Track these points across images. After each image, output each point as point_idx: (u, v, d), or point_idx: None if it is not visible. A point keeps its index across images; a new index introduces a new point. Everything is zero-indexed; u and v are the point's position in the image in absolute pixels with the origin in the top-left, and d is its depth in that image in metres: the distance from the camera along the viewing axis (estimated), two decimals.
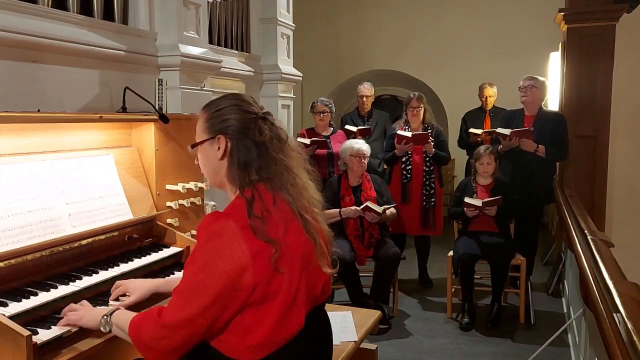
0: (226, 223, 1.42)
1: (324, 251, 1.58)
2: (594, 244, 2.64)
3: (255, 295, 1.40)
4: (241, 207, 1.45)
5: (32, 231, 1.99)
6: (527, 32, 7.30)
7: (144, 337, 1.45)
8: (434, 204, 4.70)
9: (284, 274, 1.42)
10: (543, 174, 4.37)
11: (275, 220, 1.45)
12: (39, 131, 2.20)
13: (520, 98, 4.40)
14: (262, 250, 1.40)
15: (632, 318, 1.63)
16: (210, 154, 1.56)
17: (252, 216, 1.43)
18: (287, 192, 1.51)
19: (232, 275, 1.38)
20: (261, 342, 1.42)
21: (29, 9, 2.47)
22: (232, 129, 1.53)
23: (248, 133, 1.52)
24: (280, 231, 1.45)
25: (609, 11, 4.43)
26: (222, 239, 1.41)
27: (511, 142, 4.23)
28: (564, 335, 3.70)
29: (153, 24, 3.30)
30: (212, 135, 1.55)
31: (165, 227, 2.57)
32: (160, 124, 2.64)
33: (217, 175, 1.59)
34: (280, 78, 4.86)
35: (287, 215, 1.50)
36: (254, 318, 1.42)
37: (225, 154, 1.54)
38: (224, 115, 1.55)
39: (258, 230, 1.41)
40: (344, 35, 8.33)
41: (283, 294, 1.43)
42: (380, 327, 3.80)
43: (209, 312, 1.39)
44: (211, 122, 1.56)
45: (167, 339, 1.42)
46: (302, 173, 1.59)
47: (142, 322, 1.48)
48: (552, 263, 5.26)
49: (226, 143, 1.53)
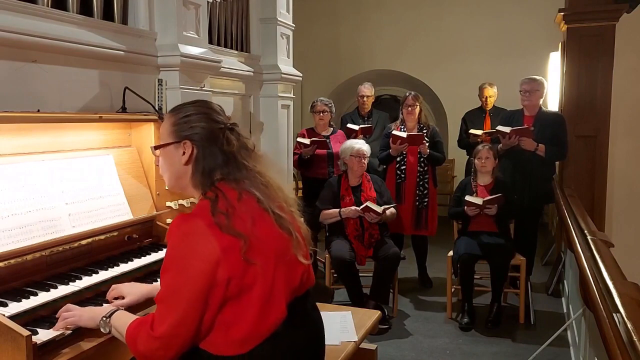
0: (194, 222, 1.45)
1: (300, 243, 1.60)
2: (594, 244, 2.64)
3: (231, 289, 1.42)
4: (205, 207, 1.48)
5: (32, 231, 1.99)
6: (527, 32, 7.30)
7: (140, 348, 1.47)
8: (427, 204, 4.70)
9: (256, 265, 1.45)
10: (543, 174, 4.37)
11: (240, 215, 1.48)
12: (39, 131, 2.20)
13: (522, 101, 4.41)
14: (231, 245, 1.43)
15: (632, 318, 1.64)
16: (175, 158, 1.58)
17: (217, 212, 1.45)
18: (259, 190, 1.54)
19: (207, 272, 1.41)
20: (245, 335, 1.44)
21: (28, 9, 2.47)
22: (200, 136, 1.55)
23: (216, 142, 1.55)
24: (248, 224, 1.47)
25: (609, 11, 4.43)
26: (192, 238, 1.43)
27: (511, 140, 4.23)
28: (563, 335, 3.70)
29: (153, 24, 3.30)
30: (177, 140, 1.57)
31: (165, 227, 2.57)
32: (160, 124, 2.63)
33: (179, 179, 1.61)
34: (280, 78, 4.85)
35: (255, 210, 1.52)
36: (235, 312, 1.44)
37: (190, 160, 1.56)
38: (192, 122, 1.57)
39: (223, 225, 1.43)
40: (344, 35, 8.33)
41: (259, 286, 1.45)
42: (380, 327, 3.80)
43: (193, 312, 1.41)
44: (178, 127, 1.58)
45: (162, 349, 1.44)
46: (274, 175, 1.61)
47: (137, 332, 1.49)
48: (552, 263, 5.26)
49: (192, 149, 1.55)
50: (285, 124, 4.89)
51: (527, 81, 4.39)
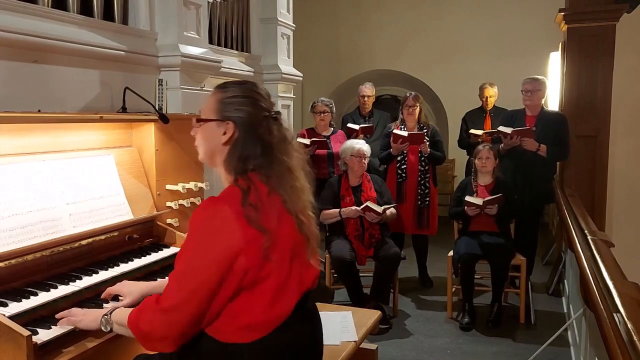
0: (222, 208, 1.45)
1: (314, 249, 1.64)
2: (594, 244, 2.64)
3: (246, 279, 1.43)
4: (236, 195, 1.48)
5: (33, 231, 1.99)
6: (527, 32, 7.30)
7: (142, 325, 1.47)
8: (428, 203, 4.71)
9: (273, 262, 1.46)
10: (543, 174, 4.37)
11: (268, 211, 1.48)
12: (40, 131, 2.20)
13: (524, 101, 4.40)
14: (255, 237, 1.44)
15: (632, 318, 1.64)
16: (214, 136, 1.57)
17: (247, 204, 1.45)
18: (286, 192, 1.54)
19: (226, 259, 1.42)
20: (253, 324, 1.46)
21: (29, 9, 2.47)
22: (243, 120, 1.54)
23: (258, 130, 1.54)
24: (273, 221, 1.48)
25: (609, 11, 4.43)
26: (218, 223, 1.44)
27: (512, 140, 4.23)
28: (564, 335, 3.70)
29: (153, 24, 3.30)
30: (221, 118, 1.56)
31: (165, 227, 2.57)
32: (160, 124, 2.64)
33: (213, 155, 1.60)
34: (280, 78, 4.86)
35: (281, 210, 1.53)
36: (245, 302, 1.46)
37: (229, 142, 1.55)
38: (238, 104, 1.56)
39: (252, 219, 1.44)
40: (344, 35, 8.33)
41: (273, 279, 1.47)
42: (381, 327, 3.79)
43: (203, 294, 1.42)
44: (224, 106, 1.56)
45: (165, 324, 1.44)
46: (301, 175, 1.61)
47: (140, 311, 1.50)
48: (552, 263, 5.26)
49: (234, 131, 1.54)
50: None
51: (529, 81, 4.39)
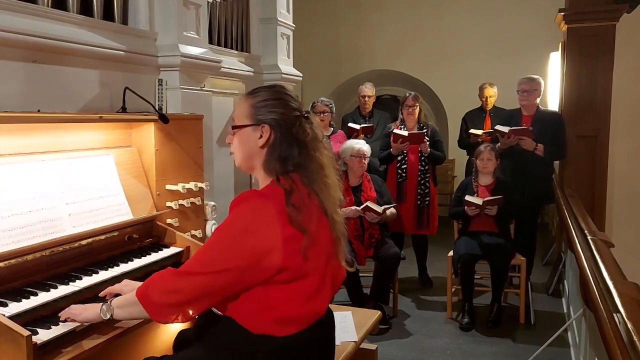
0: (265, 203, 1.49)
1: (343, 249, 1.67)
2: (594, 244, 2.64)
3: (282, 276, 1.46)
4: (279, 193, 1.51)
5: (33, 231, 1.99)
6: (527, 32, 7.30)
7: (151, 293, 1.50)
8: (428, 203, 4.71)
9: (311, 263, 1.49)
10: (542, 174, 4.39)
11: (309, 212, 1.52)
12: (39, 131, 2.20)
13: (520, 101, 4.43)
14: (294, 237, 1.46)
15: (632, 318, 1.63)
16: (251, 140, 1.60)
17: (290, 205, 1.48)
18: (321, 191, 1.58)
19: (258, 253, 1.44)
20: (289, 318, 1.49)
21: (29, 9, 2.47)
22: (278, 121, 1.58)
23: (292, 130, 1.58)
24: (314, 223, 1.52)
25: (609, 11, 4.42)
26: (260, 216, 1.47)
27: (509, 140, 4.24)
28: (564, 335, 3.70)
29: (153, 24, 3.30)
30: (256, 123, 1.59)
31: (165, 227, 2.57)
32: (160, 124, 2.64)
33: (250, 159, 1.63)
34: (280, 78, 4.85)
35: (318, 211, 1.57)
36: (283, 295, 1.48)
37: (266, 144, 1.59)
38: (270, 107, 1.60)
39: (294, 218, 1.47)
40: (344, 35, 8.33)
41: (311, 278, 1.51)
42: (380, 327, 3.80)
43: (223, 277, 1.45)
44: (257, 110, 1.60)
45: (176, 292, 1.47)
46: (332, 172, 1.65)
47: (151, 281, 1.53)
48: (552, 263, 5.26)
49: (270, 133, 1.58)
50: None
51: (525, 81, 4.41)
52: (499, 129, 4.32)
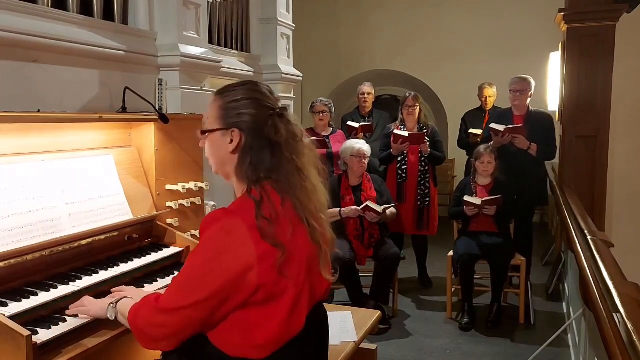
0: (235, 221, 1.41)
1: (327, 258, 1.56)
2: (594, 244, 2.64)
3: (258, 295, 1.39)
4: (249, 207, 1.42)
5: (32, 231, 1.99)
6: (527, 32, 7.30)
7: (139, 321, 1.46)
8: (428, 203, 4.71)
9: (288, 278, 1.42)
10: (535, 174, 4.43)
11: (282, 223, 1.43)
12: (39, 131, 2.20)
13: (512, 101, 4.47)
14: (268, 253, 1.39)
15: (632, 318, 1.63)
16: (221, 145, 1.52)
17: (260, 217, 1.40)
18: (295, 196, 1.49)
19: (235, 273, 1.37)
20: (268, 340, 1.42)
21: (28, 9, 2.47)
22: (248, 124, 1.49)
23: (264, 131, 1.48)
24: (288, 234, 1.43)
25: (609, 11, 4.42)
26: (230, 237, 1.39)
27: (503, 138, 4.26)
28: (563, 335, 3.70)
29: (153, 24, 3.30)
30: (225, 127, 1.51)
31: (165, 227, 2.57)
32: (160, 124, 2.63)
33: (224, 165, 1.55)
34: (280, 78, 4.85)
35: (294, 218, 1.48)
36: (260, 317, 1.41)
37: (237, 149, 1.50)
38: (241, 107, 1.50)
39: (266, 233, 1.39)
40: (344, 35, 8.33)
41: (288, 296, 1.42)
42: (380, 327, 3.80)
43: (206, 305, 1.39)
44: (226, 112, 1.51)
45: (162, 326, 1.42)
46: (312, 173, 1.56)
47: (140, 306, 1.49)
48: (552, 263, 5.26)
49: (240, 138, 1.49)
50: None
51: (518, 81, 4.45)
52: (493, 127, 4.34)
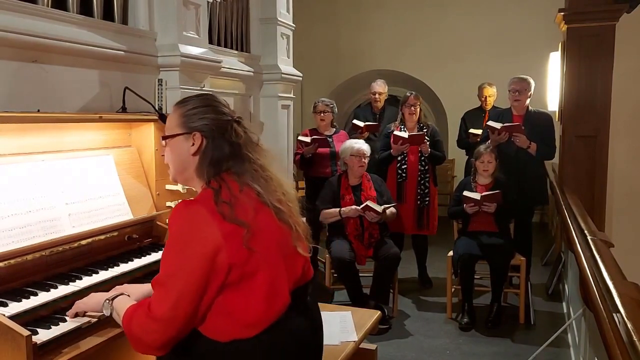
0: (196, 208, 1.48)
1: (300, 235, 1.64)
2: (594, 244, 2.64)
3: (232, 275, 1.44)
4: (208, 196, 1.50)
5: (32, 231, 1.99)
6: (527, 32, 7.30)
7: (133, 328, 1.48)
8: (428, 203, 4.71)
9: (258, 253, 1.47)
10: (535, 173, 4.43)
11: (243, 205, 1.50)
12: (39, 131, 2.20)
13: (512, 101, 4.47)
14: (233, 232, 1.45)
15: (632, 318, 1.63)
16: (183, 149, 1.60)
17: (220, 202, 1.48)
18: (258, 184, 1.56)
19: (207, 256, 1.43)
20: (253, 319, 1.47)
21: (29, 9, 2.47)
22: (209, 127, 1.58)
23: (224, 134, 1.58)
24: (250, 214, 1.50)
25: (609, 11, 4.42)
26: (194, 224, 1.46)
27: (500, 136, 4.26)
28: (563, 335, 3.70)
29: (153, 24, 3.30)
30: (187, 131, 1.59)
31: (165, 227, 2.56)
32: (160, 124, 2.63)
33: (185, 170, 1.63)
34: (280, 78, 4.85)
35: (256, 202, 1.55)
36: (241, 298, 1.46)
37: (198, 151, 1.59)
38: (201, 114, 1.60)
39: (227, 214, 1.46)
40: (344, 35, 8.32)
41: (263, 273, 1.48)
42: (380, 327, 3.79)
43: (191, 295, 1.43)
44: (187, 119, 1.60)
45: (158, 332, 1.44)
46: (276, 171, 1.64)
47: (134, 314, 1.51)
48: (552, 263, 5.26)
49: (202, 140, 1.58)
50: (286, 124, 4.89)
51: (517, 80, 4.45)
52: (490, 124, 4.35)
